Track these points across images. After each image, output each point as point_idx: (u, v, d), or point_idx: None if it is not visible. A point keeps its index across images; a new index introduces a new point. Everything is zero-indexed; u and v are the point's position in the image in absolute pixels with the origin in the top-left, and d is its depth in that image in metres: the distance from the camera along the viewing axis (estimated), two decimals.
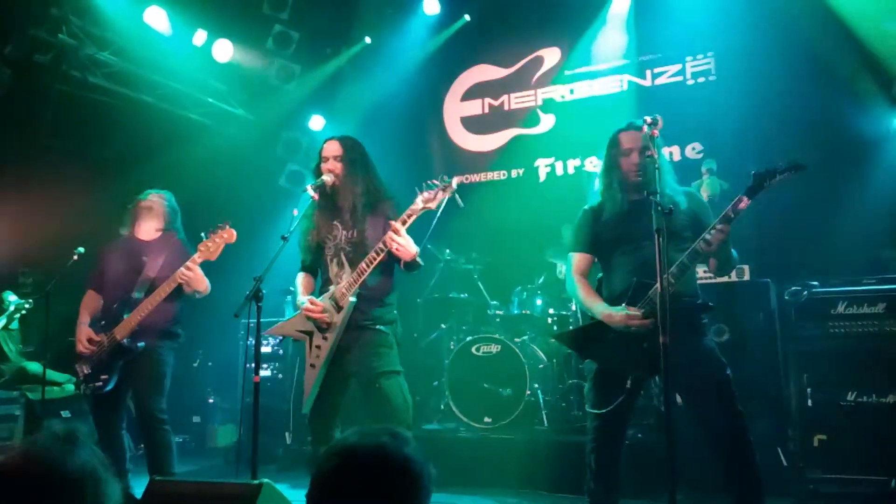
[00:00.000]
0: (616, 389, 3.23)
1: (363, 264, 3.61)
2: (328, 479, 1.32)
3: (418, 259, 3.64)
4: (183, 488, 2.33)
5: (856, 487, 4.14)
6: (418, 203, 3.53)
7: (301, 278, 3.97)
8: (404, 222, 3.53)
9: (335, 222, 3.84)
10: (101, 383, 4.17)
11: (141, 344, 4.20)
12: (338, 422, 3.83)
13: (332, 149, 3.88)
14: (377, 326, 3.74)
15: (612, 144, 3.41)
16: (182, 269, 4.12)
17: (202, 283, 4.27)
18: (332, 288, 3.73)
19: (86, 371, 4.23)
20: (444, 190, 3.50)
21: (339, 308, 3.67)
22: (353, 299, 3.64)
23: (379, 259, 3.58)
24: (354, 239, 3.77)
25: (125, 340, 4.17)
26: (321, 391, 3.69)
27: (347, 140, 3.93)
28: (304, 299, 3.79)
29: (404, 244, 3.52)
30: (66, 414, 6.02)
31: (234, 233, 4.10)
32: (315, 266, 3.96)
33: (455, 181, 3.52)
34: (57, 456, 1.33)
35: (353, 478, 1.31)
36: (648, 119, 3.07)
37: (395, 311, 3.89)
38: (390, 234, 3.50)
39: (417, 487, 1.33)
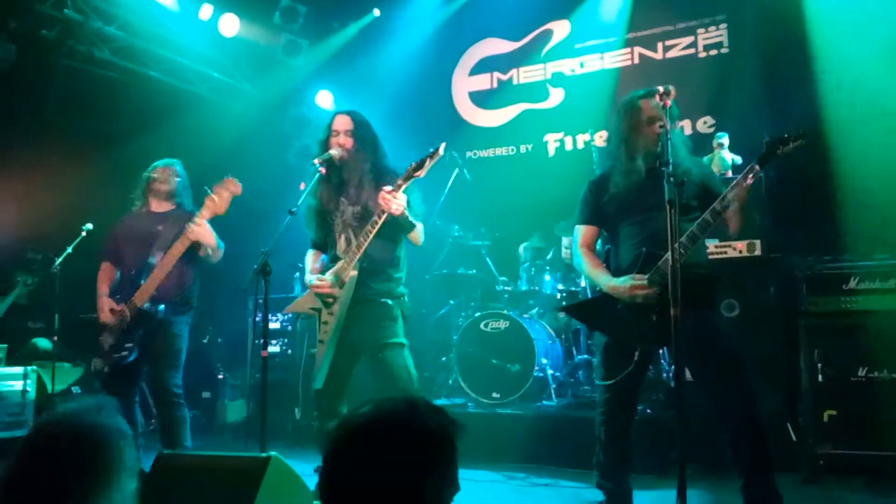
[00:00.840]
0: (624, 362, 3.22)
1: (361, 237, 3.64)
2: (344, 453, 1.30)
3: (407, 214, 3.63)
4: (191, 461, 2.33)
5: (865, 463, 4.13)
6: (410, 172, 3.57)
7: (310, 256, 3.99)
8: (399, 186, 3.57)
9: (342, 198, 3.84)
10: (126, 352, 4.16)
11: (161, 307, 4.18)
12: (345, 398, 3.85)
13: (343, 123, 3.87)
14: (382, 300, 3.76)
15: (630, 111, 3.33)
16: (190, 223, 4.10)
17: (211, 238, 4.19)
18: (338, 263, 3.74)
19: (110, 342, 4.22)
20: (430, 157, 3.55)
21: (341, 284, 3.69)
22: (354, 273, 3.65)
23: (379, 225, 3.59)
24: (360, 213, 3.78)
25: (146, 305, 4.16)
26: (332, 367, 3.71)
27: (357, 115, 3.93)
28: (312, 277, 3.81)
29: (395, 200, 3.54)
30: (76, 390, 6.07)
31: (239, 185, 4.09)
32: (323, 243, 3.96)
33: (441, 147, 3.57)
34: (89, 419, 1.53)
35: (370, 450, 1.27)
36: (661, 89, 3.03)
37: (403, 287, 3.89)
38: (382, 192, 3.54)
39: (436, 456, 1.29)
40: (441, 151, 3.56)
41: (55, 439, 1.52)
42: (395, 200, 3.53)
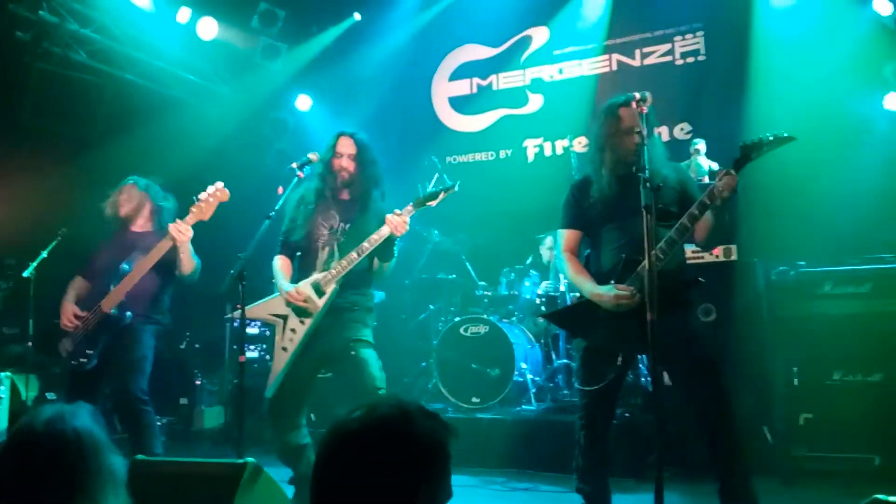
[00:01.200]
0: (606, 366, 3.23)
1: (355, 252, 3.71)
2: (337, 458, 1.28)
3: (396, 243, 3.81)
4: (166, 468, 2.30)
5: (841, 465, 4.18)
6: (422, 200, 3.78)
7: (280, 262, 3.97)
8: (409, 212, 3.74)
9: (332, 211, 3.90)
10: (84, 359, 4.07)
11: (129, 314, 4.10)
12: (305, 410, 3.85)
13: (347, 145, 3.94)
14: (355, 307, 3.83)
15: (609, 119, 3.34)
16: (173, 225, 4.02)
17: (188, 248, 4.10)
18: (314, 274, 3.78)
19: (68, 348, 4.14)
20: (445, 191, 3.79)
21: (321, 294, 3.72)
22: (336, 286, 3.72)
23: (374, 246, 3.70)
24: (349, 230, 3.85)
25: (113, 311, 4.07)
26: (287, 376, 3.72)
27: (360, 139, 3.99)
28: (287, 285, 3.81)
29: (405, 225, 3.71)
30: (51, 396, 5.98)
31: (227, 192, 4.05)
32: (298, 247, 3.96)
33: (456, 185, 3.83)
34: (66, 427, 1.47)
35: (364, 457, 1.26)
36: (637, 95, 3.05)
37: (374, 302, 4.00)
38: (393, 216, 3.68)
39: (431, 462, 1.29)
40: (456, 188, 3.80)
41: (30, 452, 1.44)
42: (403, 226, 3.68)
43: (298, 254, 3.98)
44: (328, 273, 3.73)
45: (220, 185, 4.05)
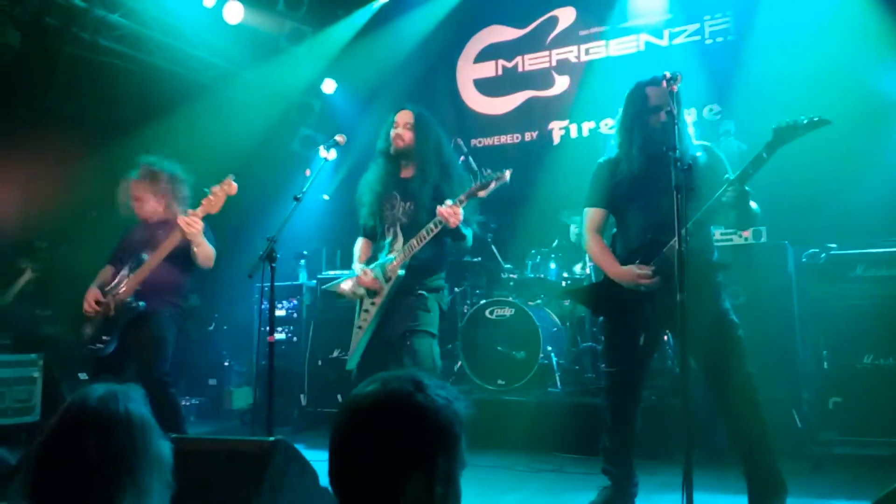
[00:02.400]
0: (628, 347, 3.23)
1: (415, 240, 3.72)
2: (352, 432, 1.28)
3: (461, 229, 3.73)
4: (198, 445, 2.34)
5: (870, 450, 4.14)
6: (473, 190, 3.69)
7: (360, 244, 4.07)
8: (461, 202, 3.67)
9: (394, 192, 3.91)
10: (101, 345, 4.13)
11: (142, 304, 4.14)
12: None
13: (405, 116, 3.93)
14: (420, 291, 3.83)
15: (636, 99, 3.31)
16: (182, 218, 4.05)
17: (200, 237, 4.13)
18: (381, 256, 3.84)
19: (90, 333, 4.20)
20: (496, 180, 3.69)
21: (387, 279, 3.78)
22: (401, 272, 3.74)
23: (431, 235, 3.69)
24: (410, 210, 3.85)
25: (129, 299, 4.14)
26: (366, 353, 3.80)
27: (421, 112, 3.98)
28: (359, 267, 3.90)
29: (455, 216, 3.63)
30: (83, 376, 6.08)
31: (235, 185, 4.07)
32: (375, 232, 4.02)
33: (507, 174, 3.70)
34: (117, 407, 1.47)
35: (379, 430, 1.25)
36: (668, 74, 3.02)
37: (443, 282, 3.97)
38: (444, 207, 3.61)
39: (446, 433, 1.28)
40: (507, 178, 3.69)
41: (82, 429, 1.43)
42: (454, 216, 3.62)
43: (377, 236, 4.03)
44: (391, 259, 3.78)
45: (230, 178, 4.08)
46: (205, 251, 4.20)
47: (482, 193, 3.69)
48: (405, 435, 1.25)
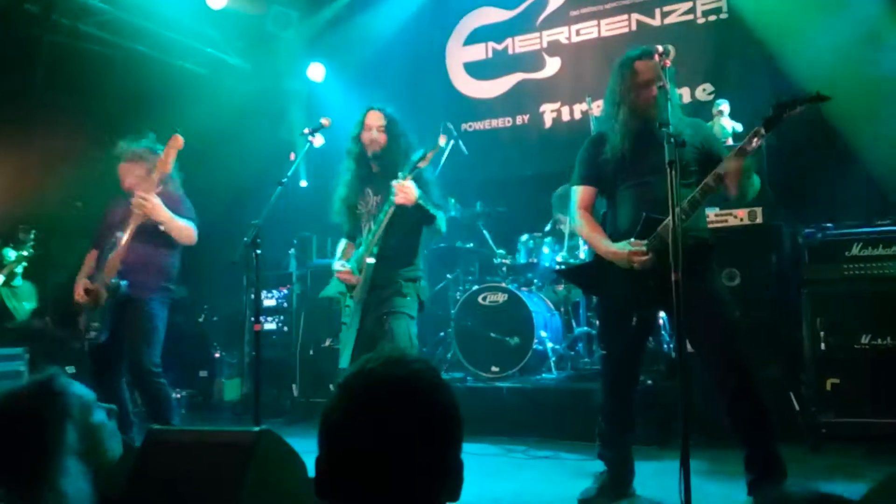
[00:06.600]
0: (623, 328, 3.18)
1: (377, 226, 3.76)
2: (366, 408, 1.18)
3: (422, 205, 3.71)
4: (182, 437, 2.27)
5: (869, 430, 4.10)
6: (414, 162, 3.74)
7: (342, 246, 4.13)
8: (410, 175, 3.71)
9: (367, 188, 3.98)
10: (94, 332, 4.11)
11: (124, 282, 4.09)
12: None
13: (376, 118, 3.98)
14: (396, 280, 3.85)
15: (625, 73, 3.23)
16: (133, 198, 4.01)
17: (160, 212, 4.07)
18: (360, 251, 3.89)
19: (84, 322, 4.18)
20: (433, 150, 3.76)
21: (360, 270, 3.83)
22: (371, 261, 3.77)
23: (390, 214, 3.71)
24: (381, 204, 3.88)
25: (112, 280, 4.09)
26: (355, 350, 3.81)
27: (389, 112, 4.03)
28: (337, 263, 3.96)
29: (405, 189, 3.65)
30: (71, 370, 6.00)
31: (181, 139, 4.03)
32: (354, 232, 4.07)
33: (442, 140, 3.87)
34: (21, 403, 1.49)
35: (370, 414, 1.16)
36: (660, 48, 2.95)
37: (420, 273, 3.98)
38: (399, 182, 3.66)
39: (459, 422, 1.22)
40: (442, 144, 3.83)
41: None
42: (402, 192, 3.63)
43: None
44: (363, 249, 3.82)
45: (175, 135, 4.03)
46: (176, 227, 4.15)
47: (422, 164, 3.73)
48: (404, 418, 1.17)
